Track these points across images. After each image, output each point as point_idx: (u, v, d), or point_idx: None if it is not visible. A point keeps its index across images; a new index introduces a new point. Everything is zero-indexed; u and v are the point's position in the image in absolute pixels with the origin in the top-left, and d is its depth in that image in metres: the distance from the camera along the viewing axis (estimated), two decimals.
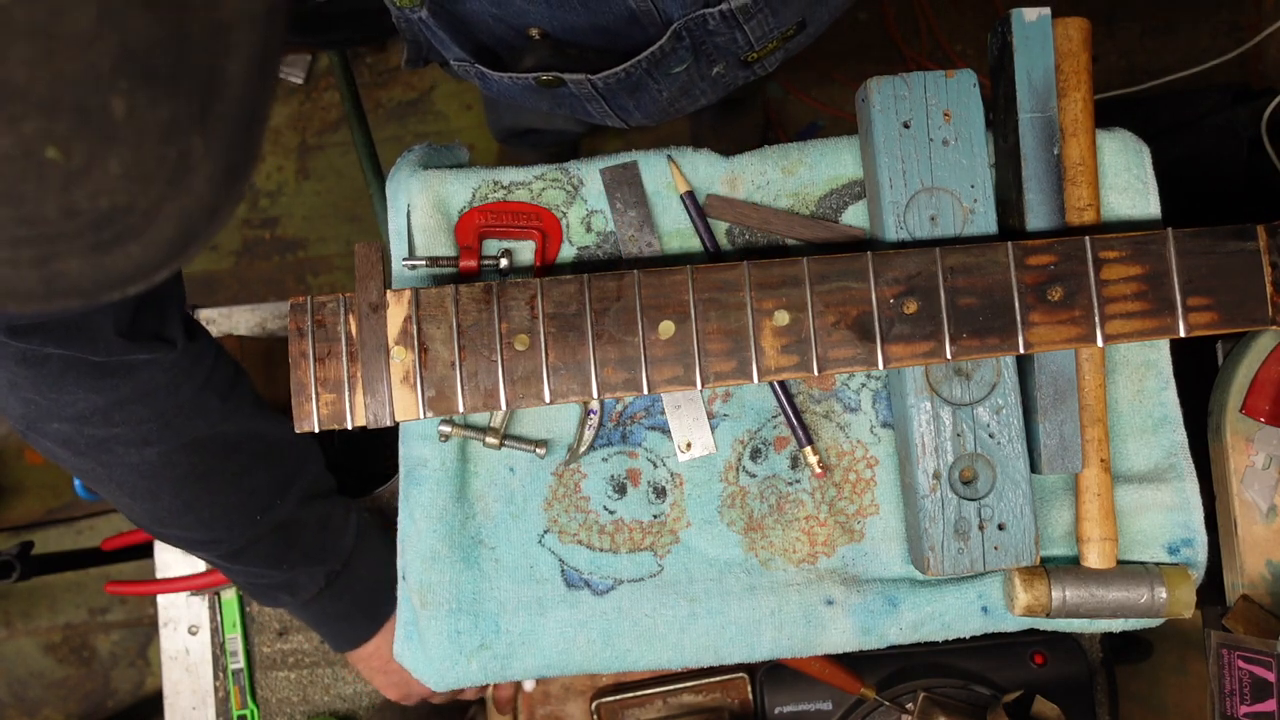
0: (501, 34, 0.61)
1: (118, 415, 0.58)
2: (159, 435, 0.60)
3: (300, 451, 0.69)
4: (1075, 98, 0.57)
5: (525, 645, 0.59)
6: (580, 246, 0.60)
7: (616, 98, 0.65)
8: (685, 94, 0.68)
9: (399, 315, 0.53)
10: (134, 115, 0.26)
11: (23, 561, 0.96)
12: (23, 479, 1.81)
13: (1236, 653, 0.66)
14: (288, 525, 0.67)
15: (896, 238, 0.56)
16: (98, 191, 0.27)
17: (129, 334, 0.56)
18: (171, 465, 0.61)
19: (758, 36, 0.61)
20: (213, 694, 0.86)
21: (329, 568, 0.69)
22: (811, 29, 0.64)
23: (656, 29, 0.58)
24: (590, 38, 0.60)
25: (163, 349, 0.58)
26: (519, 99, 0.67)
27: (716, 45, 0.61)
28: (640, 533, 0.60)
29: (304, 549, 0.68)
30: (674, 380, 0.53)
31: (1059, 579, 0.56)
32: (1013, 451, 0.56)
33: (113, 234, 0.28)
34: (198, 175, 0.28)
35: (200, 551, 0.68)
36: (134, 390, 0.58)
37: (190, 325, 0.62)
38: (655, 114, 0.70)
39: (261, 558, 0.67)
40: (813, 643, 0.59)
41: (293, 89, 1.83)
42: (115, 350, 0.56)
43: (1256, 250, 0.54)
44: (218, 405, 0.62)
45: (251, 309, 0.88)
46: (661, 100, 0.67)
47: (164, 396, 0.59)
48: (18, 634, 1.77)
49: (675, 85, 0.65)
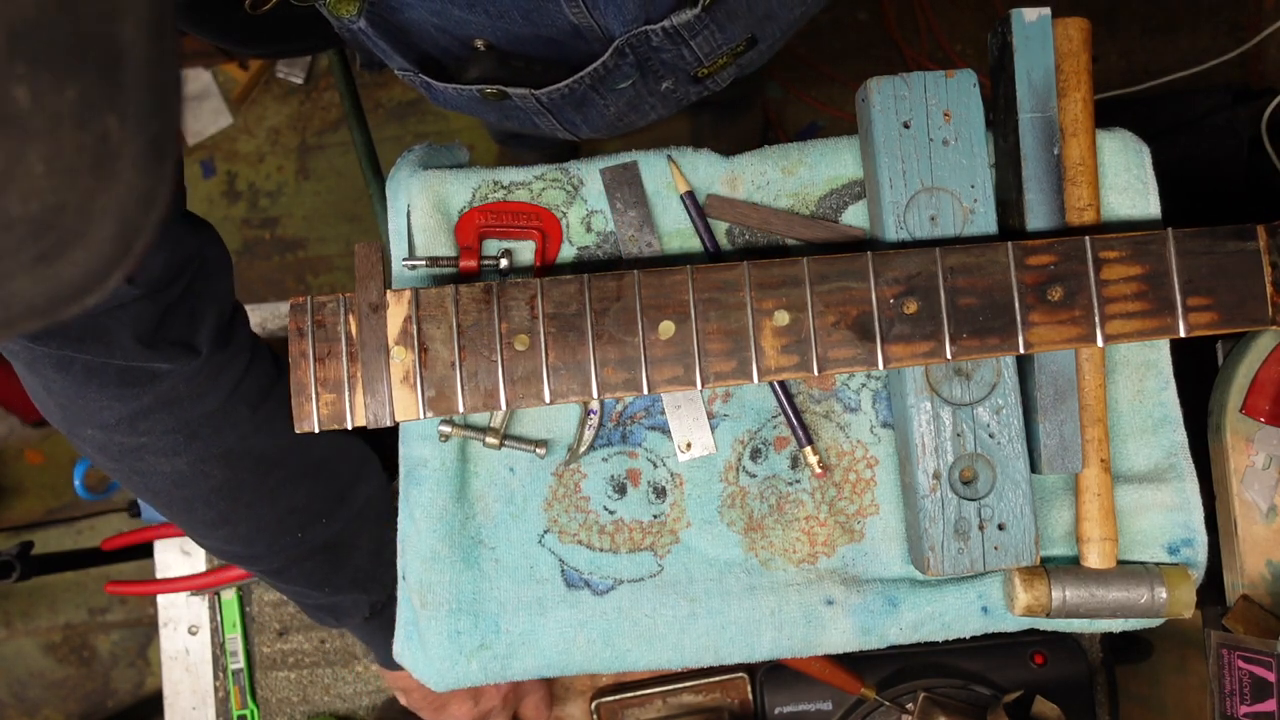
0: (445, 44, 0.60)
1: (142, 424, 0.57)
2: (186, 446, 0.58)
3: (353, 470, 0.66)
4: (1075, 98, 0.57)
5: (525, 645, 0.59)
6: (580, 246, 0.60)
7: (563, 112, 0.64)
8: (634, 109, 0.67)
9: (399, 315, 0.53)
10: (41, 102, 0.24)
11: (23, 561, 0.96)
12: (23, 479, 1.81)
13: (1236, 653, 0.66)
14: (335, 547, 0.65)
15: (896, 238, 0.56)
16: (26, 195, 0.25)
17: (150, 341, 0.54)
18: (204, 477, 0.59)
19: (706, 53, 0.60)
20: (213, 694, 0.86)
21: (374, 598, 0.67)
22: (764, 45, 0.63)
23: (600, 44, 0.58)
24: (535, 49, 0.59)
25: (185, 358, 0.56)
26: (467, 110, 0.66)
27: (663, 61, 0.60)
28: (640, 533, 0.60)
29: (351, 574, 0.66)
30: (674, 380, 0.53)
31: (1059, 579, 0.56)
32: (1013, 451, 0.56)
33: (53, 241, 0.26)
34: (123, 159, 0.27)
35: (244, 565, 0.66)
36: (156, 399, 0.56)
37: (224, 332, 0.60)
38: (603, 128, 0.69)
39: (304, 578, 0.65)
40: (813, 643, 0.59)
41: (293, 89, 1.83)
42: (134, 357, 0.54)
43: (1256, 250, 0.54)
44: (248, 415, 0.60)
45: (251, 309, 0.88)
46: (609, 115, 0.66)
47: (189, 406, 0.57)
48: (18, 634, 1.77)
49: (622, 100, 0.64)
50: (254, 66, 1.80)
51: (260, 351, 0.64)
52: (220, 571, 0.84)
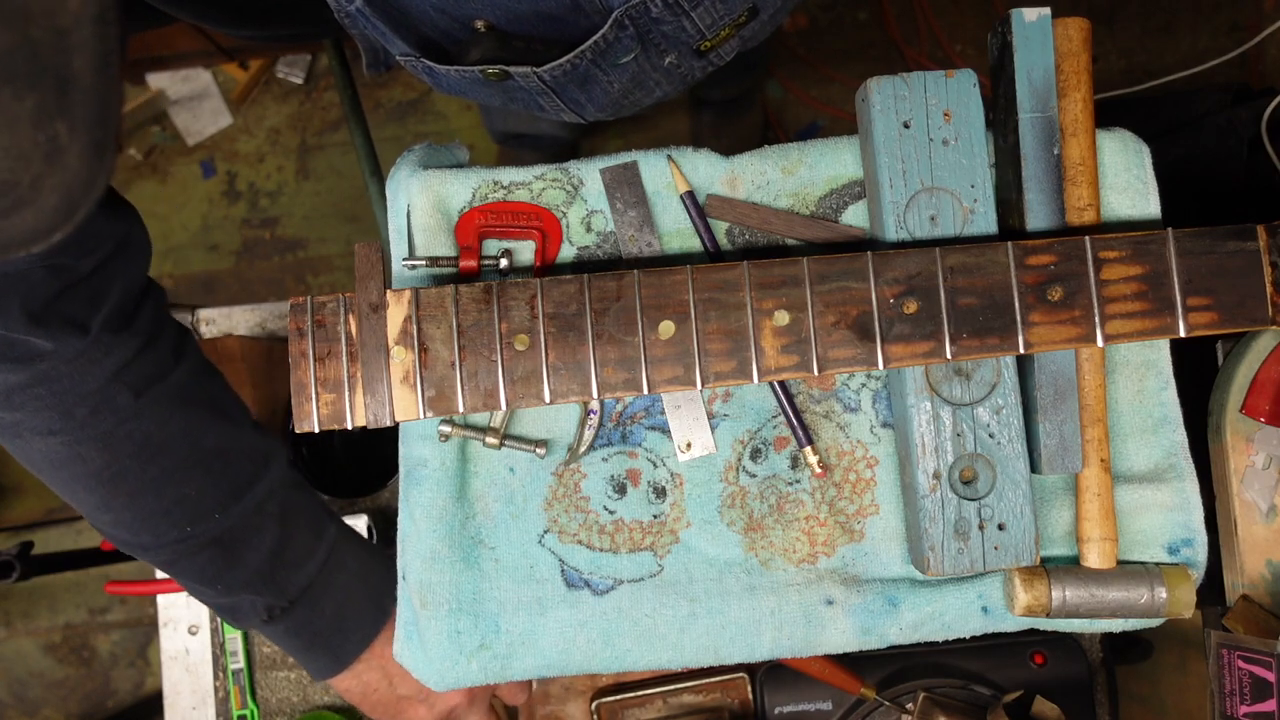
0: (445, 26, 0.60)
1: (17, 398, 0.57)
2: (61, 425, 0.58)
3: (253, 466, 0.65)
4: (1075, 98, 0.57)
5: (525, 645, 0.59)
6: (580, 246, 0.60)
7: (566, 91, 0.63)
8: (639, 86, 0.66)
9: (399, 315, 0.53)
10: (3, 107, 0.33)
11: (23, 561, 0.96)
12: (23, 479, 1.81)
13: (1236, 653, 0.66)
14: (227, 545, 0.63)
15: (896, 238, 0.56)
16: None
17: (38, 317, 0.55)
18: (81, 459, 0.59)
19: (708, 24, 0.60)
20: (213, 694, 0.86)
21: (271, 601, 0.65)
22: (765, 15, 0.62)
23: (599, 16, 0.57)
24: (536, 27, 0.59)
25: (71, 337, 0.57)
26: (469, 93, 0.65)
27: (664, 34, 0.60)
28: (640, 533, 0.60)
29: (245, 575, 0.64)
30: (674, 380, 0.53)
31: (1059, 579, 0.56)
32: (1013, 451, 0.56)
33: (9, 202, 0.34)
34: (70, 154, 0.34)
35: (134, 554, 0.65)
36: (33, 376, 0.57)
37: (124, 315, 0.60)
38: (609, 107, 0.68)
39: (196, 573, 0.64)
40: (813, 643, 0.59)
41: (293, 89, 1.83)
42: (17, 329, 0.55)
43: (1256, 250, 0.54)
44: (129, 401, 0.60)
45: (251, 309, 0.88)
46: (614, 92, 0.65)
47: (67, 385, 0.58)
48: (18, 634, 1.77)
49: (626, 76, 0.63)
50: (254, 66, 1.80)
51: (165, 339, 0.63)
52: None
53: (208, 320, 0.88)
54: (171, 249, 1.83)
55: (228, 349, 0.80)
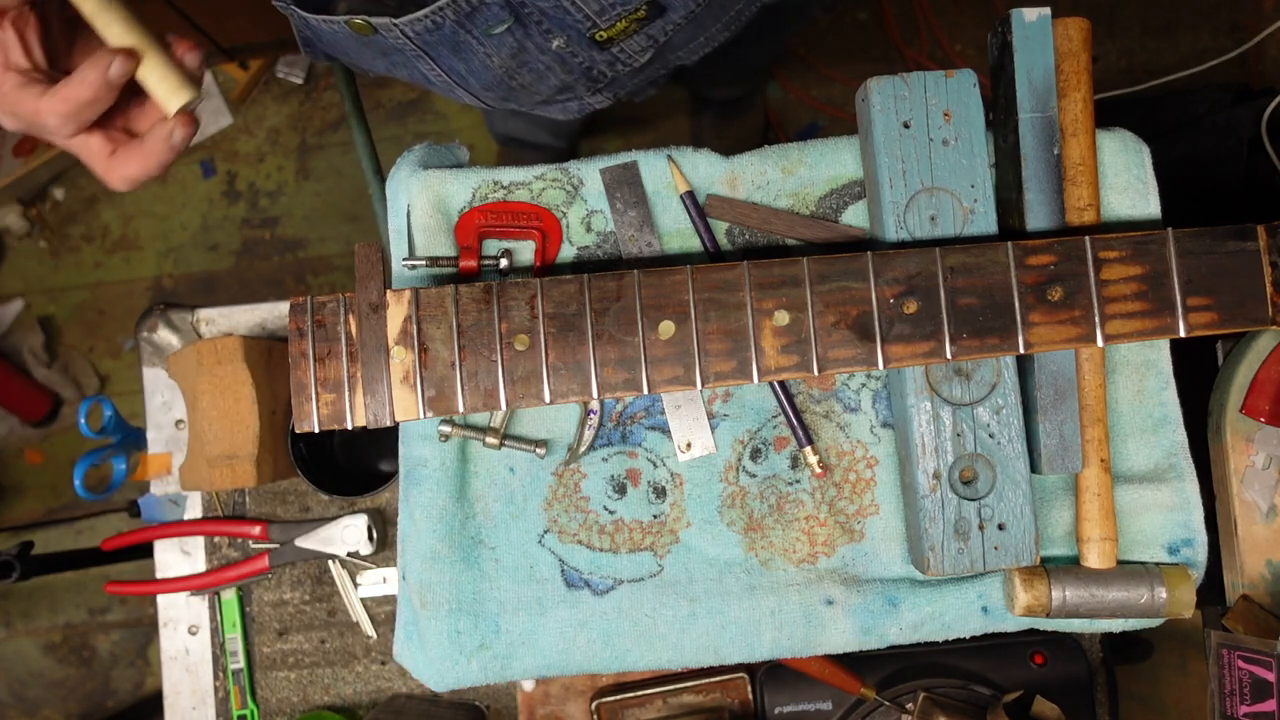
0: None
1: None
2: None
3: None
4: (1075, 98, 0.57)
5: (525, 645, 0.59)
6: (580, 246, 0.60)
7: (442, 57, 0.62)
8: (524, 65, 0.65)
9: (399, 315, 0.53)
10: None
11: (23, 561, 0.96)
12: (23, 479, 1.81)
13: (1236, 653, 0.66)
14: None
15: (896, 238, 0.56)
16: None
17: None
18: None
19: (595, 10, 0.59)
20: (213, 694, 0.86)
21: None
22: (675, 15, 0.61)
23: None
24: None
25: None
26: (352, 54, 0.65)
27: (544, 12, 0.59)
28: (640, 533, 0.60)
29: None
30: (674, 380, 0.53)
31: (1059, 579, 0.56)
32: (1013, 451, 0.56)
33: None
34: None
35: None
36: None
37: None
38: (495, 86, 0.66)
39: None
40: (813, 643, 0.59)
41: (293, 89, 1.83)
42: None
43: (1256, 250, 0.54)
44: None
45: (251, 309, 0.88)
46: (494, 68, 0.64)
47: None
48: (18, 634, 1.77)
49: (505, 51, 0.62)
50: (254, 66, 1.80)
51: None
52: (220, 571, 0.84)
53: (208, 320, 0.88)
54: (171, 249, 1.83)
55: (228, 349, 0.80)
